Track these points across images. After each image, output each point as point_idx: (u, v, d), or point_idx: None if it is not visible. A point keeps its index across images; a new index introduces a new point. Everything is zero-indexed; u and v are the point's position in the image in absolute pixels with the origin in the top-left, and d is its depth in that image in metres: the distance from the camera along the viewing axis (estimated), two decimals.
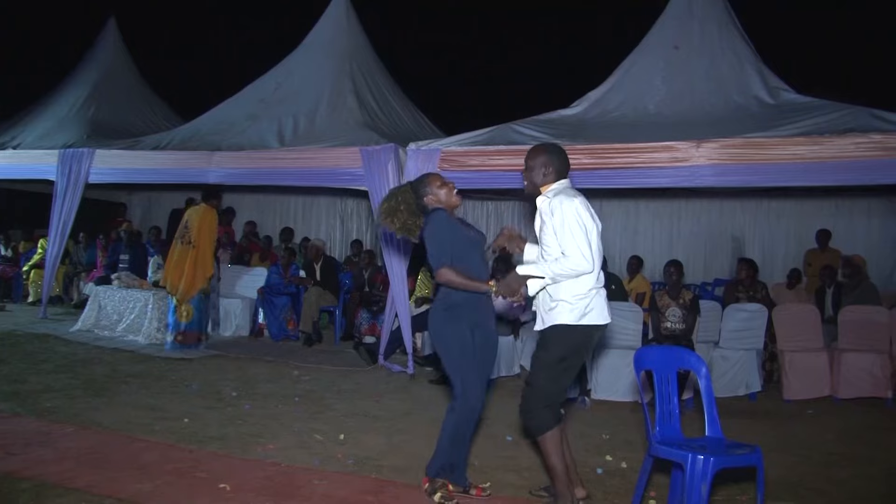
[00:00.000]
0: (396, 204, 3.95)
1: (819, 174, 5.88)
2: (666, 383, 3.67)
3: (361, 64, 9.01)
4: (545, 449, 3.64)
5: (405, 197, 3.98)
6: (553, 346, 3.64)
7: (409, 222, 3.94)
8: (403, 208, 3.95)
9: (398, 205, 3.95)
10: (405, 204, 3.95)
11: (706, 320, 6.73)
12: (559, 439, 3.63)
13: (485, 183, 7.07)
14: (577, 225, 3.54)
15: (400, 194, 4.01)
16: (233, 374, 6.96)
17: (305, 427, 5.17)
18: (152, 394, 5.99)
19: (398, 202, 3.95)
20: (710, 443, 3.51)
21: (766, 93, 6.86)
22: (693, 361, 3.77)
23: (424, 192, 3.97)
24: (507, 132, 7.02)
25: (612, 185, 6.57)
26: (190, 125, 9.26)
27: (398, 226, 3.94)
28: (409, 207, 3.95)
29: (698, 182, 6.20)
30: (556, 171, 3.77)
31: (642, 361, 3.74)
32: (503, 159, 6.69)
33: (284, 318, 8.97)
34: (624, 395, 6.34)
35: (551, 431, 3.61)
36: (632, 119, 6.96)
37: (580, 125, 6.97)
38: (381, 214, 3.99)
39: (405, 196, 3.98)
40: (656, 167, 6.20)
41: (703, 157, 6.03)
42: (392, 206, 3.95)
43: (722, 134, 6.12)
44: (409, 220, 3.94)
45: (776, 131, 6.05)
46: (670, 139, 6.18)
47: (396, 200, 3.96)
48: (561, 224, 3.56)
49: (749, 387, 6.66)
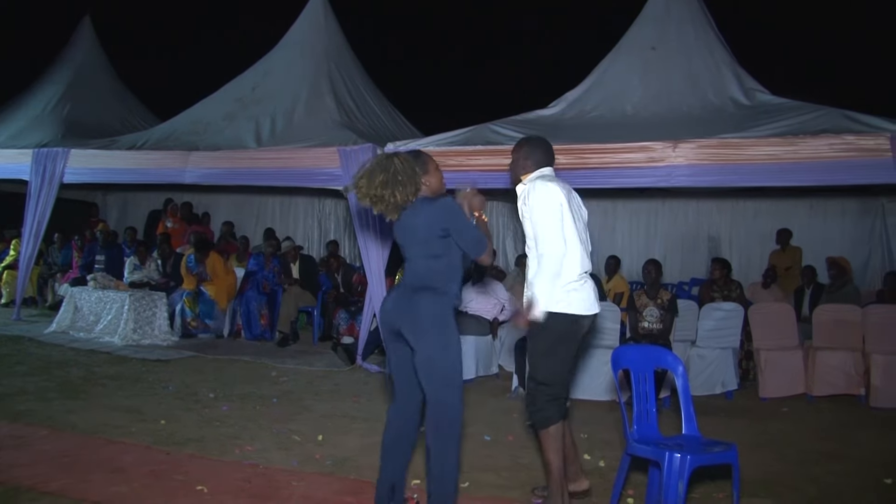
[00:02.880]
0: (393, 175, 3.35)
1: (794, 174, 5.96)
2: (643, 382, 3.70)
3: (339, 64, 9.00)
4: (545, 443, 3.66)
5: (405, 167, 3.39)
6: (539, 335, 3.66)
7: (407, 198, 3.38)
8: (403, 179, 3.36)
9: (395, 175, 3.35)
10: (405, 175, 3.38)
11: (683, 319, 6.79)
12: (560, 435, 3.64)
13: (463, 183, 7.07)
14: (549, 207, 3.57)
15: (397, 162, 3.40)
16: (210, 375, 6.91)
17: (284, 428, 5.15)
18: (129, 395, 5.94)
19: (395, 172, 3.36)
20: (687, 441, 3.54)
21: (741, 94, 6.94)
22: (670, 360, 3.80)
23: (423, 169, 3.52)
24: (484, 132, 7.04)
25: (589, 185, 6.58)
26: (166, 125, 9.19)
27: (394, 201, 3.36)
28: (410, 180, 3.38)
29: (675, 182, 6.26)
30: (535, 161, 3.84)
31: (620, 361, 3.77)
32: (481, 159, 6.71)
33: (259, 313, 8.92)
34: (601, 395, 6.37)
35: (555, 426, 3.62)
36: (609, 119, 7.00)
37: (557, 126, 7.00)
38: (377, 186, 3.35)
39: (405, 166, 3.40)
40: (633, 167, 6.25)
41: (679, 157, 6.10)
42: (389, 179, 3.35)
43: (698, 134, 6.19)
44: (408, 194, 3.37)
45: (752, 132, 6.12)
46: (647, 139, 6.24)
47: (393, 170, 3.37)
48: (533, 208, 3.61)
49: (725, 385, 6.71)
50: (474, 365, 7.09)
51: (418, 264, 3.43)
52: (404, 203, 3.38)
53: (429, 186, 3.51)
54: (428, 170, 3.53)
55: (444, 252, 3.39)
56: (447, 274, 3.40)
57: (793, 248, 9.63)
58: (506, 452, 4.80)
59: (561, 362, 3.68)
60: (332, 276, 9.62)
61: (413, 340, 3.36)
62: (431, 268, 3.40)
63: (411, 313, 3.35)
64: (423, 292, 3.37)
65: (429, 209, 3.39)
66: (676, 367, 3.73)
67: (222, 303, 9.05)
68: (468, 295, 7.59)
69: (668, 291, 6.84)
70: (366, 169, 3.46)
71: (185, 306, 8.87)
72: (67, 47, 11.05)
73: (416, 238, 3.43)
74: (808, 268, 8.58)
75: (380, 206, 3.41)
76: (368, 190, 3.39)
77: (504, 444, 5.01)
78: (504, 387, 6.84)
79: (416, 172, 3.43)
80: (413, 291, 3.40)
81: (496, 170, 6.41)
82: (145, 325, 8.41)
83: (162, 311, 8.61)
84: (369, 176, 3.40)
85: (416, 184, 3.41)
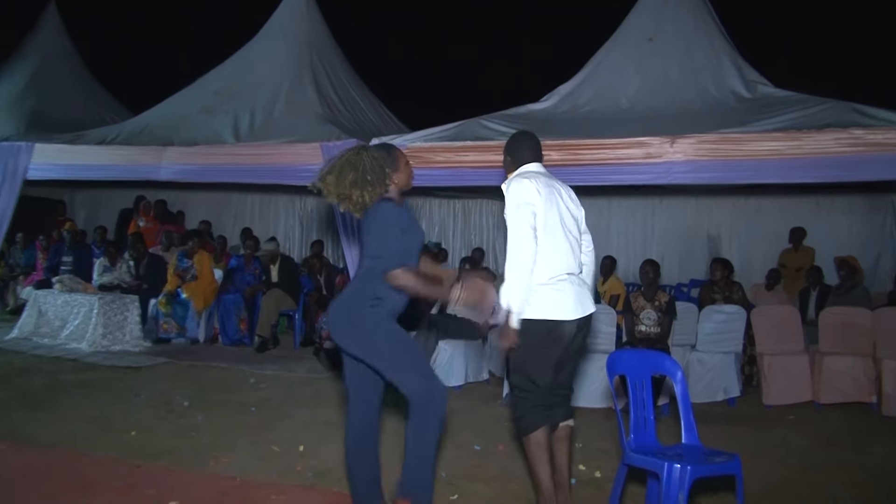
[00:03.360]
0: (363, 174, 3.40)
1: (798, 171, 5.96)
2: (640, 389, 3.70)
3: (322, 54, 8.98)
4: (528, 453, 3.63)
5: (375, 166, 3.44)
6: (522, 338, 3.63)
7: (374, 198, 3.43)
8: (372, 178, 3.42)
9: (365, 175, 3.41)
10: (374, 174, 3.43)
11: (682, 323, 6.79)
12: (546, 444, 3.60)
13: (452, 180, 7.10)
14: (518, 203, 3.55)
15: (367, 159, 3.44)
16: (185, 382, 6.87)
17: (262, 438, 5.12)
18: (97, 405, 5.89)
19: (364, 171, 3.41)
20: (687, 450, 3.54)
21: (743, 86, 6.95)
22: (668, 366, 3.80)
23: (393, 167, 3.54)
24: (474, 127, 7.02)
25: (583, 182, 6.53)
26: (139, 118, 9.10)
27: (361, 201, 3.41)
28: (379, 180, 3.44)
29: (673, 179, 6.27)
30: (516, 158, 3.86)
31: (616, 366, 3.77)
32: (471, 155, 6.70)
33: (238, 317, 8.88)
34: (597, 402, 6.37)
35: (536, 433, 3.58)
36: (603, 114, 7.01)
37: (550, 120, 7.00)
38: (346, 185, 3.40)
39: (375, 164, 3.44)
40: (629, 164, 6.25)
41: (677, 153, 6.10)
42: (359, 178, 3.40)
43: (697, 129, 6.18)
44: (376, 195, 3.43)
45: (753, 126, 6.12)
46: (644, 135, 6.23)
47: (363, 168, 3.41)
48: (506, 207, 3.61)
49: (727, 392, 6.69)
50: (464, 370, 7.11)
51: (363, 263, 3.50)
52: (371, 203, 3.43)
53: (396, 184, 3.55)
54: (398, 167, 3.56)
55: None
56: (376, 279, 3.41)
57: (806, 249, 9.56)
58: (496, 462, 4.78)
59: (540, 368, 3.63)
60: (315, 278, 9.60)
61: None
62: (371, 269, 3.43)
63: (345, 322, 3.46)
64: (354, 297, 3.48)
65: (372, 211, 3.43)
66: (675, 373, 3.73)
67: (199, 305, 9.01)
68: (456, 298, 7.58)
69: (666, 293, 6.85)
70: (334, 165, 3.49)
71: (159, 308, 8.84)
72: (31, 34, 10.92)
73: (361, 240, 3.51)
74: (814, 268, 8.55)
75: (346, 205, 3.45)
76: (336, 188, 3.43)
77: (494, 453, 5.00)
78: (495, 393, 6.83)
79: (386, 173, 3.48)
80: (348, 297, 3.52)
81: (485, 166, 6.42)
82: (115, 330, 8.36)
83: (133, 316, 8.56)
84: (338, 174, 3.43)
85: (384, 184, 3.47)
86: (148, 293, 9.09)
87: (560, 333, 3.59)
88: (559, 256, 3.62)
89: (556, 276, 3.60)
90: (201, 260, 9.18)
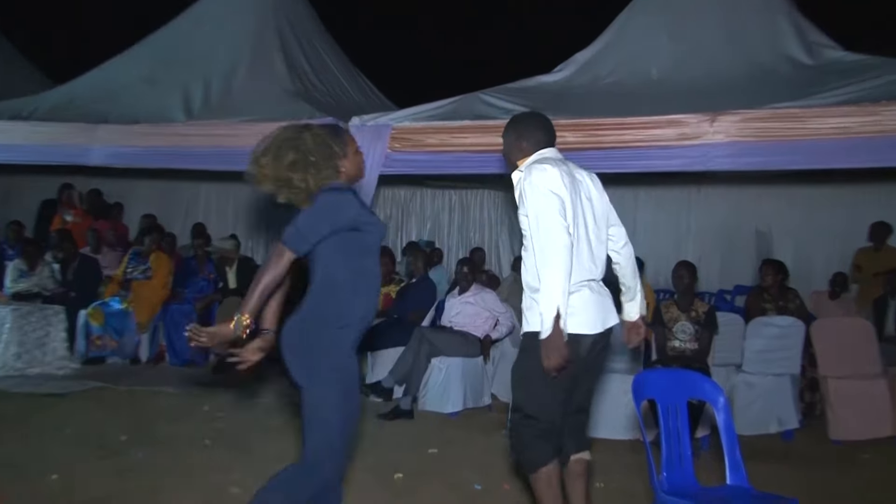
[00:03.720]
0: (305, 154, 3.35)
1: (870, 153, 5.81)
2: (674, 417, 3.70)
3: (291, 16, 8.98)
4: (537, 493, 3.65)
5: (320, 144, 3.38)
6: (527, 355, 3.66)
7: (320, 184, 3.37)
8: (317, 160, 3.36)
9: (308, 155, 3.35)
10: (319, 155, 3.37)
11: (725, 337, 6.78)
12: (556, 481, 3.62)
13: (446, 167, 7.10)
14: (546, 192, 3.56)
15: (310, 138, 3.39)
16: (122, 411, 6.85)
17: (218, 478, 5.10)
18: (8, 442, 5.83)
19: (307, 151, 3.36)
20: (733, 494, 3.55)
21: (802, 50, 6.92)
22: (708, 389, 3.81)
23: (340, 152, 3.46)
24: (473, 104, 7.04)
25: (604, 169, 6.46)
26: (64, 89, 9.01)
27: (304, 187, 3.35)
28: (327, 161, 3.39)
29: (714, 165, 6.23)
30: (533, 142, 3.86)
31: (644, 389, 3.77)
32: (469, 137, 6.68)
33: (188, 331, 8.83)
34: (621, 432, 6.38)
35: (546, 468, 3.60)
36: (630, 87, 7.02)
37: (564, 95, 7.01)
38: (285, 167, 3.34)
39: (319, 143, 3.39)
40: (661, 147, 6.24)
41: (719, 133, 6.05)
42: (300, 159, 3.34)
43: (744, 104, 6.14)
44: (322, 179, 3.37)
45: (815, 99, 6.07)
46: (678, 111, 6.21)
47: (305, 149, 3.36)
48: (528, 196, 3.61)
49: (783, 422, 6.68)
50: (461, 394, 7.14)
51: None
52: (316, 190, 3.35)
53: (344, 172, 3.48)
54: (346, 152, 3.49)
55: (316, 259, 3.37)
56: (321, 289, 3.39)
57: (890, 249, 9.32)
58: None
59: (551, 390, 3.64)
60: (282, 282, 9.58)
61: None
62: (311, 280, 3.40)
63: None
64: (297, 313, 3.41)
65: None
66: (717, 398, 3.74)
67: (143, 317, 8.99)
68: (452, 307, 7.61)
69: (704, 302, 6.88)
70: (269, 145, 3.41)
71: (89, 319, 8.78)
72: None
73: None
74: (893, 273, 8.31)
75: (286, 194, 3.39)
76: (274, 171, 3.35)
77: (499, 494, 5.01)
78: (498, 421, 6.84)
79: (335, 152, 3.42)
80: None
81: (487, 150, 6.40)
82: (34, 348, 8.29)
83: (58, 331, 8.51)
84: (275, 154, 3.36)
85: (333, 166, 3.41)
86: (77, 303, 8.97)
87: (576, 350, 3.60)
88: (579, 260, 3.64)
89: (576, 282, 3.62)
90: (158, 262, 9.13)
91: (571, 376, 3.63)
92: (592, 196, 3.82)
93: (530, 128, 3.90)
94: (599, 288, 3.75)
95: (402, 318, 7.90)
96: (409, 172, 7.79)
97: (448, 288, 8.77)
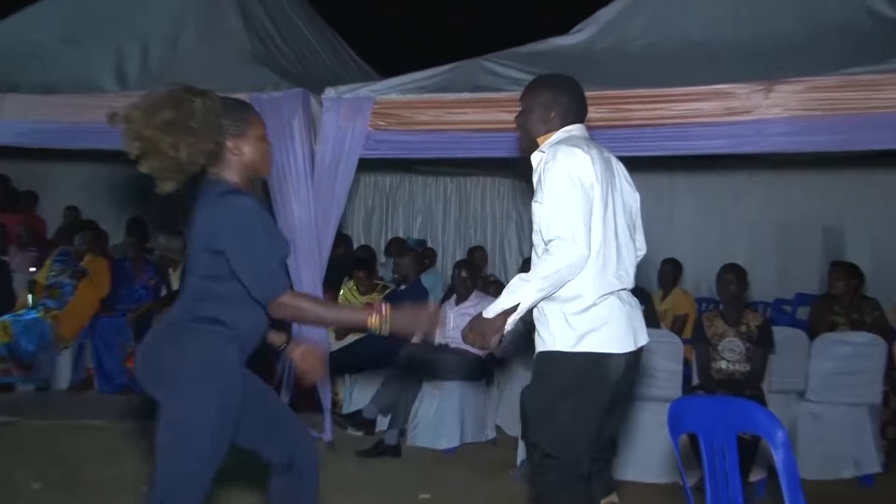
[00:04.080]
0: (186, 116, 3.27)
1: None
2: (720, 456, 3.67)
3: None
4: None
5: (208, 112, 3.33)
6: (546, 380, 3.67)
7: (194, 159, 3.31)
8: (198, 128, 3.29)
9: (189, 118, 3.27)
10: (203, 122, 3.30)
11: (784, 358, 6.76)
12: None
13: (441, 149, 7.10)
14: (570, 188, 3.55)
15: (202, 104, 3.32)
16: (37, 451, 6.82)
17: None
18: None
19: (189, 114, 3.28)
20: None
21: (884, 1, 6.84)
22: (763, 422, 3.77)
23: (234, 129, 3.45)
24: (473, 71, 7.02)
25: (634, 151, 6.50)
26: None
27: (174, 156, 3.24)
28: (208, 133, 3.32)
29: (769, 146, 6.20)
30: (562, 113, 3.85)
31: (683, 421, 3.73)
32: (469, 113, 6.67)
33: (123, 352, 8.80)
34: (654, 474, 6.38)
35: None
36: (665, 50, 6.97)
37: (585, 61, 6.96)
38: (156, 126, 3.24)
39: (208, 111, 3.33)
40: (703, 124, 6.20)
41: (776, 106, 6.01)
42: (176, 120, 3.25)
43: (806, 70, 6.09)
44: (197, 154, 3.31)
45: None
46: (724, 81, 6.19)
47: (188, 110, 3.28)
48: (546, 182, 3.61)
49: (860, 466, 6.63)
50: (458, 426, 7.13)
51: (191, 282, 3.48)
52: (189, 167, 3.30)
53: (238, 157, 3.47)
54: (245, 133, 3.47)
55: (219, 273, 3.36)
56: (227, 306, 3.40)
57: None
58: None
59: (576, 422, 3.66)
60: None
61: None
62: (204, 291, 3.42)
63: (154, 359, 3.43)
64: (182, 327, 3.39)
65: (210, 207, 3.35)
66: (774, 433, 3.70)
67: (68, 332, 8.94)
68: (448, 319, 7.58)
69: (758, 313, 6.86)
70: (150, 98, 3.34)
71: None
72: None
73: (191, 243, 3.44)
74: None
75: (150, 162, 3.28)
76: (142, 128, 3.25)
77: None
78: (504, 459, 6.84)
79: (222, 126, 3.37)
80: (169, 325, 3.45)
81: (491, 129, 6.40)
82: None
83: None
84: (151, 108, 3.28)
85: (214, 141, 3.35)
86: None
87: (605, 372, 3.62)
88: (606, 267, 3.63)
89: (607, 291, 3.62)
90: (95, 266, 9.07)
91: (601, 407, 3.62)
92: (624, 189, 3.81)
93: (562, 94, 3.87)
94: (630, 298, 3.75)
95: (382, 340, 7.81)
96: (396, 155, 7.75)
97: (443, 296, 8.75)
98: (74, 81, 7.94)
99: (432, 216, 12.62)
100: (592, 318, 3.60)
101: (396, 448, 6.97)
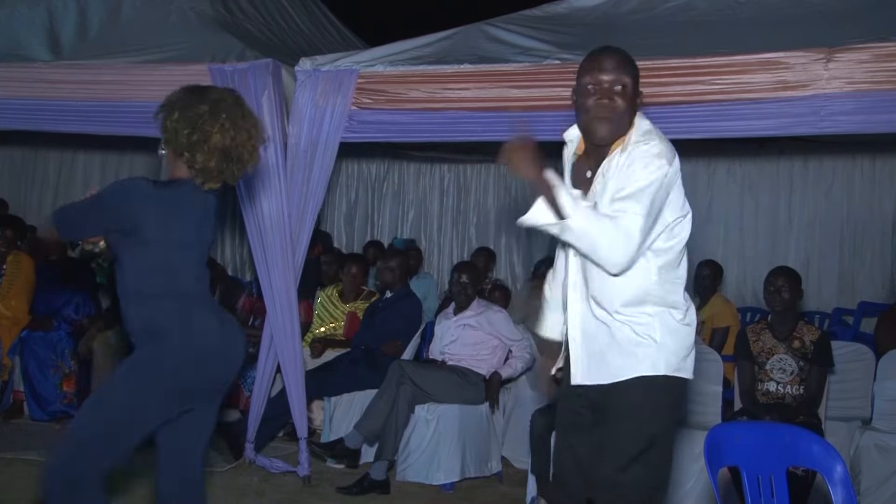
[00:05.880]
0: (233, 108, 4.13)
1: None
2: (767, 492, 3.69)
3: None
4: None
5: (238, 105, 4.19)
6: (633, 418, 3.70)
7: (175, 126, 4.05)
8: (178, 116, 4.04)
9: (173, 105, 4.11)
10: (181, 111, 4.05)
11: (845, 379, 6.81)
12: None
13: (437, 132, 7.14)
14: (655, 193, 3.62)
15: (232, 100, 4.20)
16: None
17: None
18: None
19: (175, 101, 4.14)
20: None
21: None
22: (819, 453, 3.80)
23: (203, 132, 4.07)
24: (475, 39, 7.03)
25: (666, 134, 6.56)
26: None
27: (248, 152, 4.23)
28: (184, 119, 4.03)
29: (829, 126, 6.14)
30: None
31: (723, 451, 3.75)
32: (470, 89, 6.68)
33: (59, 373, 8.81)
34: None
35: None
36: (704, 12, 7.01)
37: (609, 26, 6.99)
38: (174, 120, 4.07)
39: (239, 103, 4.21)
40: (749, 100, 6.21)
41: (837, 78, 5.96)
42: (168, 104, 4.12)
43: (876, 35, 6.06)
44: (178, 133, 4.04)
45: None
46: (777, 48, 6.18)
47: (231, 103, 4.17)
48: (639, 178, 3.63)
49: None
50: (459, 457, 7.11)
51: None
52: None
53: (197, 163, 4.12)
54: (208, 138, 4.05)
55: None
56: None
57: None
58: None
59: (660, 468, 3.74)
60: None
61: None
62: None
63: None
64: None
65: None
66: (832, 467, 3.73)
67: None
68: (445, 332, 7.58)
69: (814, 327, 6.87)
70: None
71: None
72: None
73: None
74: None
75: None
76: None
77: None
78: (512, 497, 6.89)
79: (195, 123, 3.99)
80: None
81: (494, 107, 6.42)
82: None
83: None
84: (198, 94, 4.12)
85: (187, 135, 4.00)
86: None
87: (685, 401, 3.67)
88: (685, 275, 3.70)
89: (685, 307, 3.73)
90: (18, 267, 9.07)
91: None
92: None
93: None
94: None
95: (373, 350, 7.87)
96: (384, 138, 7.79)
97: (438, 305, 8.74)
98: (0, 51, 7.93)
99: (427, 211, 12.64)
100: (686, 336, 3.64)
101: (385, 483, 6.95)
